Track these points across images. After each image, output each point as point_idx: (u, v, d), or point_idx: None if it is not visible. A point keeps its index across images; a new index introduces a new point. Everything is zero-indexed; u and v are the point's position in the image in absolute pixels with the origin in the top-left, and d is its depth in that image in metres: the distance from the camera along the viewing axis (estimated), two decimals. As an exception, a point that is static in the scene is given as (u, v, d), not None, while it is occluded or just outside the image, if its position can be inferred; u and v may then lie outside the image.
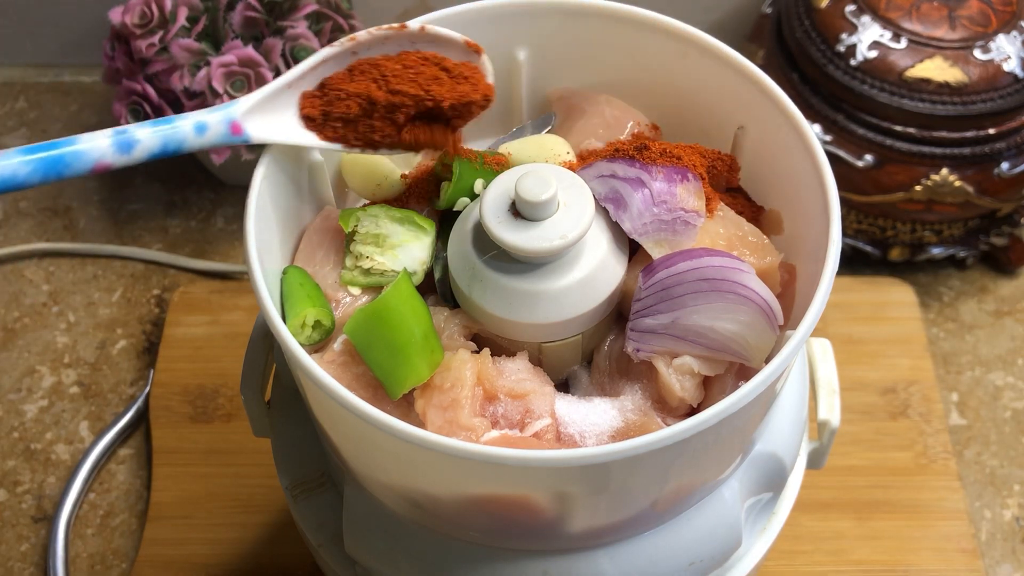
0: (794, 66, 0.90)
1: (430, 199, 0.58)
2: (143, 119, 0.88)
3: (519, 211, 0.52)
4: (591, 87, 0.63)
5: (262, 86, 0.55)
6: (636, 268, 0.54)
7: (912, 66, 0.84)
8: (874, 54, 0.85)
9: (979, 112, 0.84)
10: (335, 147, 0.55)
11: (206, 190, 1.01)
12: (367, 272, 0.55)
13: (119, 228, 0.98)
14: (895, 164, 0.87)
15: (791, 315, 0.55)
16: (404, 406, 0.53)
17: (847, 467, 0.83)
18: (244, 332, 0.73)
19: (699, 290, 0.51)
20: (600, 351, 0.56)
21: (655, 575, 0.56)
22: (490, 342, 0.55)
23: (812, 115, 0.88)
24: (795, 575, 0.79)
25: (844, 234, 0.92)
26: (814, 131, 0.79)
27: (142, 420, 0.87)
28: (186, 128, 0.51)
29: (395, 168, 0.59)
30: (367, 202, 0.60)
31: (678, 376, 0.53)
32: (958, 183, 0.86)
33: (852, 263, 0.95)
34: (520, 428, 0.52)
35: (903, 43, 0.85)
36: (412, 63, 0.54)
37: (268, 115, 0.53)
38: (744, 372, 0.53)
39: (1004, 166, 0.87)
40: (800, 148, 0.55)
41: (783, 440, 0.60)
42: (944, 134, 0.85)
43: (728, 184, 0.60)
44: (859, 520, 0.81)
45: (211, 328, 0.90)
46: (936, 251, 0.93)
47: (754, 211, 0.59)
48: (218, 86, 0.84)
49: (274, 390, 0.65)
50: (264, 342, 0.62)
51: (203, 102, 0.86)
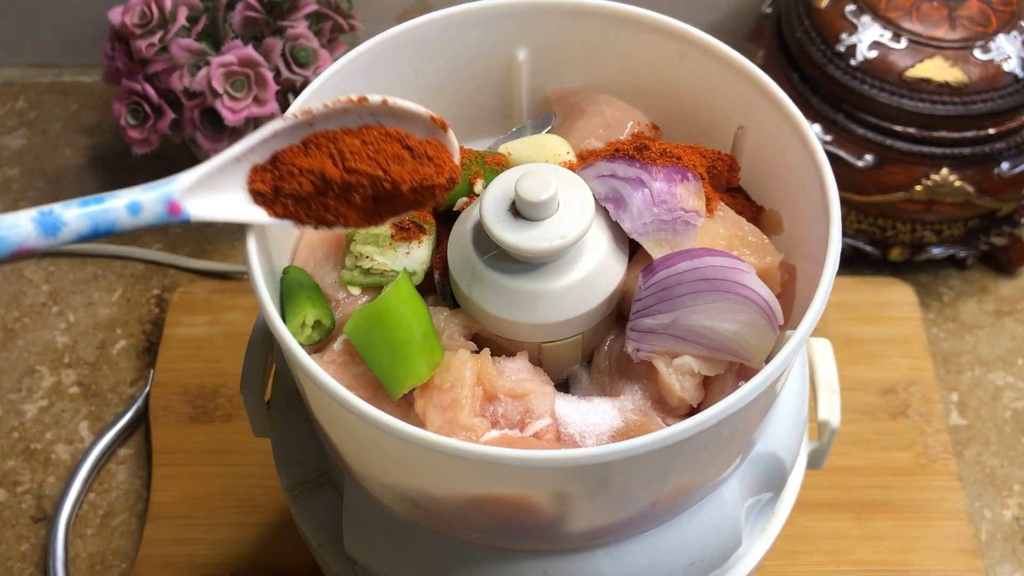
0: (794, 66, 0.90)
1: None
2: (143, 119, 0.88)
3: (519, 211, 0.51)
4: (591, 87, 0.63)
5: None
6: (636, 268, 0.54)
7: (912, 66, 0.84)
8: (874, 54, 0.85)
9: (979, 112, 0.84)
10: (285, 223, 0.51)
11: (206, 190, 1.00)
12: (367, 272, 0.55)
13: (119, 228, 0.98)
14: (895, 164, 0.87)
15: (791, 315, 0.55)
16: (404, 406, 0.53)
17: (847, 467, 0.83)
18: (244, 332, 0.73)
19: (699, 290, 0.51)
20: (600, 351, 0.56)
21: (655, 575, 0.56)
22: (490, 342, 0.55)
23: (812, 115, 0.88)
24: (795, 575, 0.79)
25: (844, 234, 0.92)
26: (814, 131, 0.79)
27: (142, 420, 0.87)
28: (118, 208, 0.48)
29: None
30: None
31: (678, 376, 0.52)
32: (958, 183, 0.86)
33: (852, 263, 0.95)
34: (520, 428, 0.52)
35: (903, 43, 0.85)
36: (372, 139, 0.50)
37: (212, 192, 0.50)
38: (744, 372, 0.53)
39: (1004, 166, 0.87)
40: (800, 148, 0.55)
41: (783, 440, 0.60)
42: (944, 134, 0.85)
43: (728, 184, 0.60)
44: (859, 520, 0.81)
45: (211, 328, 0.90)
46: (936, 251, 0.93)
47: (754, 211, 0.59)
48: (218, 86, 0.84)
49: (274, 390, 0.65)
50: (264, 342, 0.62)
51: (203, 102, 0.86)
